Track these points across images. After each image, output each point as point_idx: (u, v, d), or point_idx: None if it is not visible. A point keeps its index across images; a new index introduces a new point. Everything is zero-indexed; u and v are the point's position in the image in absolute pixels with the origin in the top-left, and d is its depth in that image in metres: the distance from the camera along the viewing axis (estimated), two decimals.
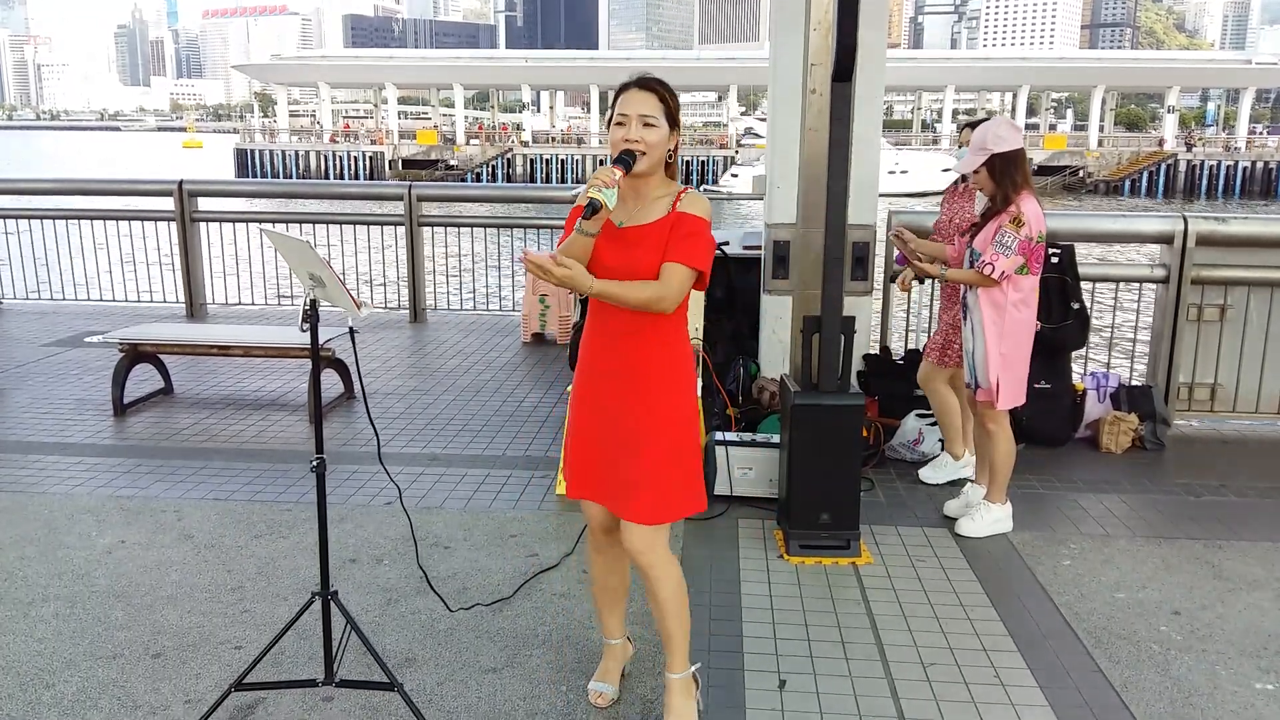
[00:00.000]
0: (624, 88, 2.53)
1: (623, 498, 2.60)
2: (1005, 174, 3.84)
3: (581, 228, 2.42)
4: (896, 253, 4.51)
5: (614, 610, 2.90)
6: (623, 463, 2.60)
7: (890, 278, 5.83)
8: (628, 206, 2.55)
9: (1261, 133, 62.89)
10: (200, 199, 8.69)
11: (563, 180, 50.42)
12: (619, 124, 2.49)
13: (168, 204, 8.59)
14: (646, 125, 2.47)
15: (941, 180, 36.42)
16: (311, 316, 2.70)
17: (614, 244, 2.51)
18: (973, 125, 4.27)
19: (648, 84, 2.50)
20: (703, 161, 51.95)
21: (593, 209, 2.36)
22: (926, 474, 4.67)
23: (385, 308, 9.05)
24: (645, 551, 2.58)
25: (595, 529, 2.80)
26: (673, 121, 2.52)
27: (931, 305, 5.40)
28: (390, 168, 52.98)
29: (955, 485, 4.58)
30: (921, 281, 5.04)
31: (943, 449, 4.79)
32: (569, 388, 4.55)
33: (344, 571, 3.69)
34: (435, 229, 8.74)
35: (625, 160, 2.44)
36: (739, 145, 53.66)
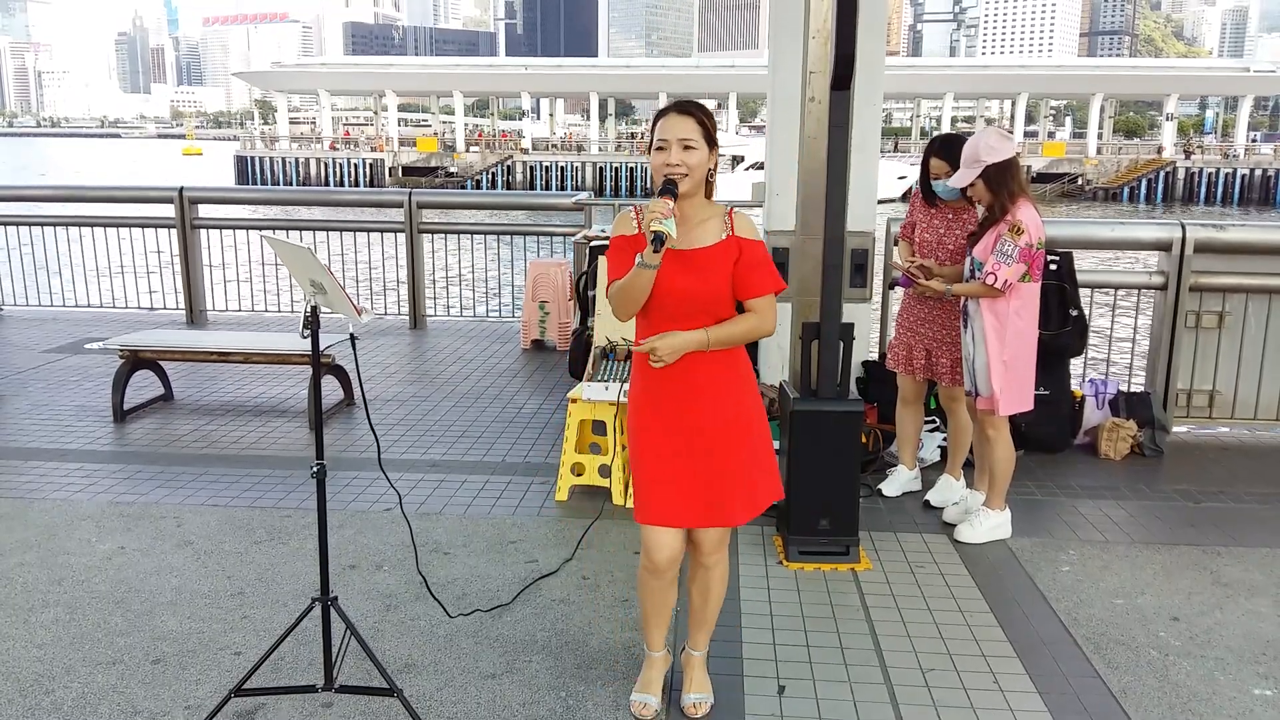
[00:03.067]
0: (662, 113, 2.62)
1: (714, 506, 2.67)
2: (1000, 183, 3.85)
3: (646, 261, 2.48)
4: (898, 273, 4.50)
5: (664, 623, 2.90)
6: (713, 472, 2.66)
7: (889, 285, 5.85)
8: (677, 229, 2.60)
9: (1256, 140, 62.99)
10: (200, 206, 8.71)
11: (562, 187, 50.46)
12: (659, 149, 2.57)
13: (168, 211, 8.62)
14: (686, 148, 2.55)
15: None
16: (312, 323, 2.71)
17: (677, 267, 2.58)
18: (941, 155, 4.21)
19: (685, 108, 2.59)
20: None
21: (659, 241, 2.42)
22: (887, 487, 4.63)
23: (385, 314, 9.07)
24: (718, 550, 2.76)
25: (668, 557, 2.72)
26: (711, 142, 2.60)
27: None
28: (390, 175, 53.01)
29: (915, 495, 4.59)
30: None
31: (943, 457, 4.79)
32: (569, 394, 4.58)
33: (344, 577, 3.70)
34: (435, 236, 8.75)
35: (670, 189, 2.53)
36: None
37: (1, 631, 3.29)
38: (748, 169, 40.09)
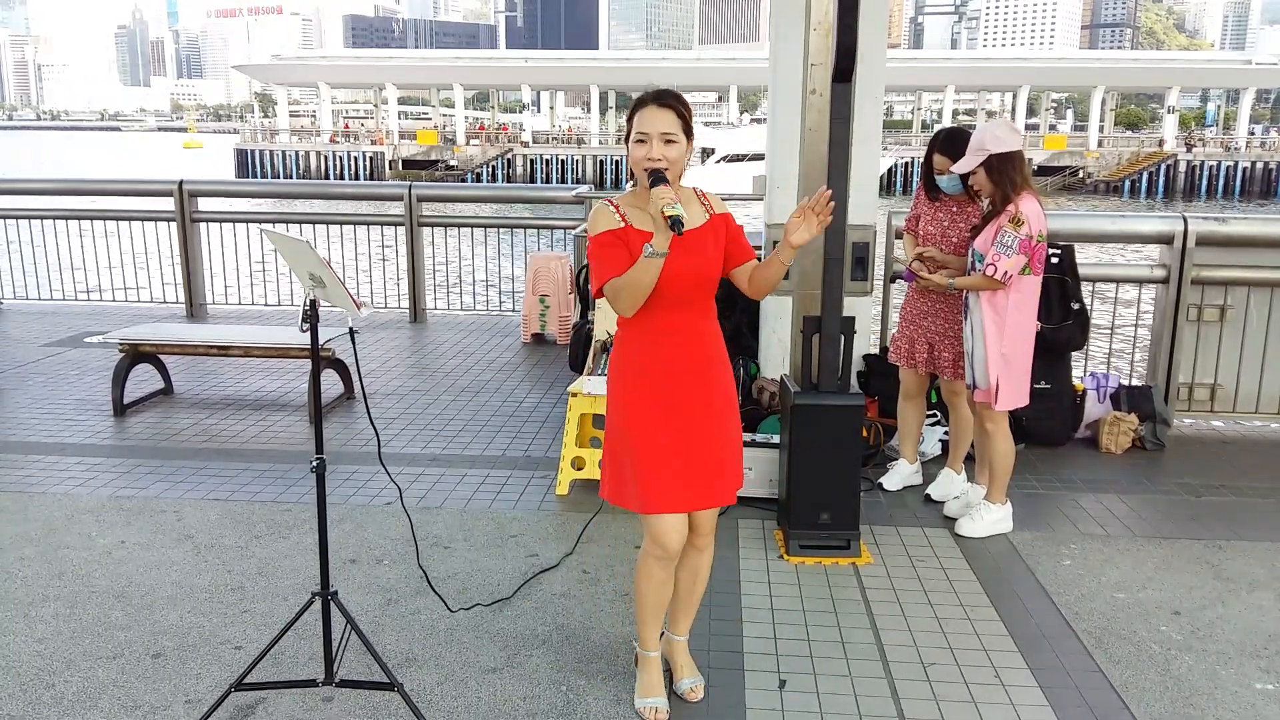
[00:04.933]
0: (641, 104, 2.57)
1: (712, 485, 2.69)
2: (1003, 174, 3.84)
3: (657, 249, 2.44)
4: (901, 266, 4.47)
5: (660, 619, 2.84)
6: (710, 455, 2.67)
7: (892, 278, 5.84)
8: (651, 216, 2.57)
9: (1258, 133, 62.91)
10: (200, 199, 8.69)
11: (563, 180, 50.39)
12: (640, 141, 2.54)
13: (168, 204, 8.60)
14: (668, 142, 2.53)
15: None
16: (311, 317, 2.70)
17: (676, 251, 2.53)
18: (944, 150, 4.19)
19: (665, 100, 2.55)
20: None
21: (679, 224, 2.37)
22: (886, 480, 4.63)
23: (385, 308, 9.06)
24: (713, 531, 2.80)
25: (678, 541, 2.67)
26: (689, 133, 2.59)
27: None
28: (390, 168, 52.94)
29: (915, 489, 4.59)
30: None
31: (944, 451, 4.77)
32: (570, 388, 4.57)
33: (344, 572, 3.69)
34: (435, 229, 8.74)
35: (663, 179, 2.49)
36: None
37: (2, 626, 3.29)
38: (718, 162, 39.72)
